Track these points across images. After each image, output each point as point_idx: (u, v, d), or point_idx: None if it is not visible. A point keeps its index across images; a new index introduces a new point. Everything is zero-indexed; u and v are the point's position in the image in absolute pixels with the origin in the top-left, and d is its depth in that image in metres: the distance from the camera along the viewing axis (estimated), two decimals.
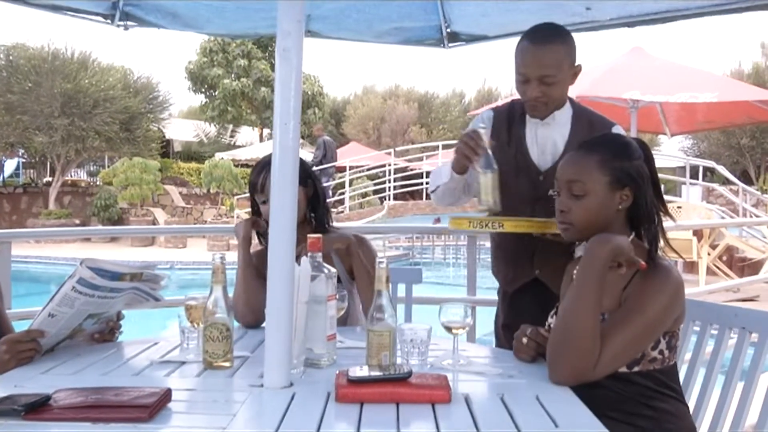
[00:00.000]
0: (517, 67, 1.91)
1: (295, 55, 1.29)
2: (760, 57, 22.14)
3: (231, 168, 16.08)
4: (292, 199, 1.31)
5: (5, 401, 1.14)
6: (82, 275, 1.46)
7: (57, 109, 14.72)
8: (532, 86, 1.88)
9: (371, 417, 1.14)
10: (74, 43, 24.67)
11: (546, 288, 2.03)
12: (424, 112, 26.32)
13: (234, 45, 22.87)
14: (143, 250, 13.60)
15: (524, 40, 1.92)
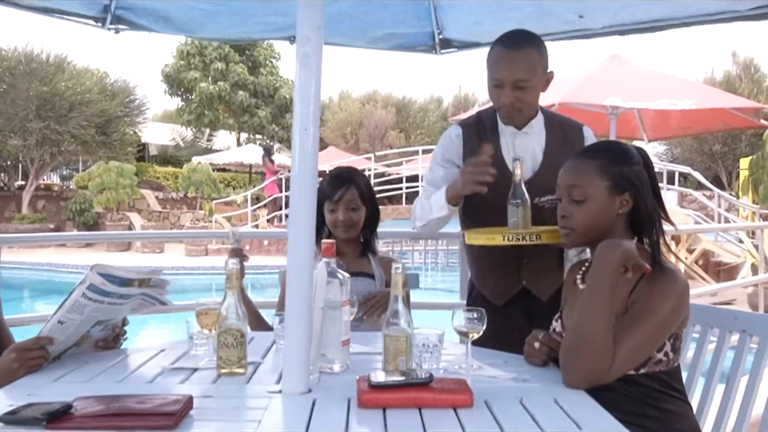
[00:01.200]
0: (491, 72, 1.91)
1: (314, 61, 1.29)
2: (731, 65, 22.70)
3: (210, 172, 15.94)
4: (311, 206, 1.31)
5: (25, 410, 1.12)
6: (93, 281, 1.44)
7: (32, 112, 14.47)
8: (506, 91, 1.88)
9: (396, 422, 1.15)
10: (50, 46, 24.27)
11: (532, 297, 2.05)
12: (402, 117, 26.40)
13: (211, 48, 22.69)
14: (119, 255, 13.39)
15: (497, 45, 1.92)
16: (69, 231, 14.68)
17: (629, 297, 1.43)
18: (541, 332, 1.53)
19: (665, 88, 7.18)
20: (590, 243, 1.54)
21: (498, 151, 1.98)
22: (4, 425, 1.09)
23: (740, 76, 22.23)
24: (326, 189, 2.21)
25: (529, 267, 2.03)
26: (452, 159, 2.04)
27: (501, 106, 1.92)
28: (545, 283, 2.07)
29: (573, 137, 2.07)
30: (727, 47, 32.78)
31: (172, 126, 24.73)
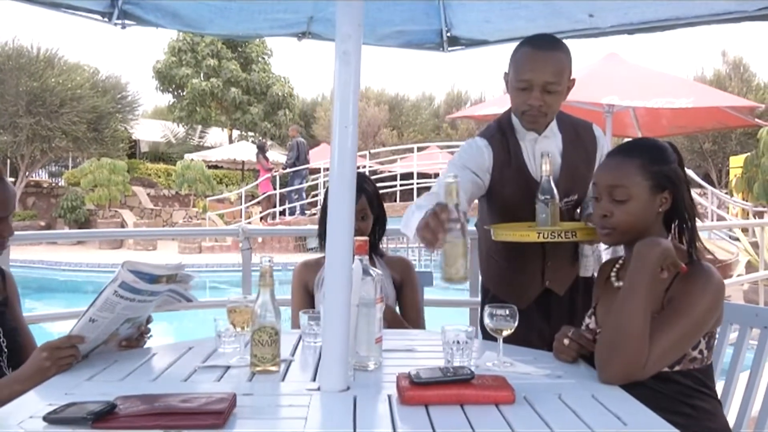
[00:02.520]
0: (518, 74, 1.84)
1: (354, 59, 1.29)
2: (721, 65, 22.88)
3: (204, 169, 15.85)
4: (350, 203, 1.30)
5: (68, 409, 1.11)
6: (125, 279, 1.43)
7: (22, 108, 14.31)
8: (534, 94, 1.83)
9: (441, 419, 1.14)
10: (40, 41, 23.99)
11: (549, 293, 2.06)
12: (395, 115, 26.39)
13: (203, 44, 22.54)
14: (112, 253, 13.29)
15: (527, 47, 1.87)
16: (60, 228, 14.55)
17: (665, 295, 1.44)
18: (570, 329, 1.53)
19: (662, 86, 7.21)
20: (629, 242, 1.54)
21: (519, 156, 1.98)
22: (49, 425, 1.08)
23: (730, 75, 22.42)
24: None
25: (552, 268, 2.04)
26: (473, 167, 1.95)
27: (527, 109, 1.87)
28: (564, 280, 2.09)
29: (585, 137, 2.07)
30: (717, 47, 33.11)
31: (164, 123, 24.56)
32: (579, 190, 2.04)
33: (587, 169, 2.07)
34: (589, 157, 2.08)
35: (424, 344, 1.76)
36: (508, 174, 1.97)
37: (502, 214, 2.01)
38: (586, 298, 2.15)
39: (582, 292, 2.14)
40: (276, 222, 13.97)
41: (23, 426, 1.09)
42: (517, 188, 1.97)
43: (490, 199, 2.04)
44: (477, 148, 1.98)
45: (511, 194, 1.98)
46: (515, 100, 1.89)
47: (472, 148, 1.99)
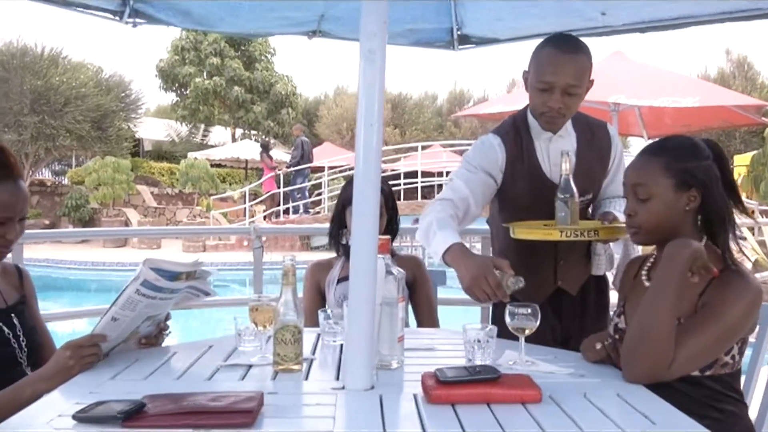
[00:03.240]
0: (540, 75, 1.82)
1: (379, 57, 1.29)
2: (725, 63, 22.83)
3: (207, 168, 15.86)
4: (375, 201, 1.30)
5: (96, 408, 1.11)
6: (147, 277, 1.42)
7: (27, 107, 14.33)
8: (555, 96, 1.81)
9: (469, 418, 1.14)
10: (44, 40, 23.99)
11: (561, 292, 2.05)
12: (398, 114, 26.39)
13: (206, 43, 22.53)
14: (116, 251, 13.32)
15: (549, 48, 1.84)
16: (65, 227, 14.56)
17: (699, 299, 1.42)
18: (607, 336, 1.54)
19: (668, 85, 7.20)
20: (658, 241, 1.53)
21: (533, 154, 1.97)
22: (78, 423, 1.08)
23: (734, 73, 22.38)
24: (351, 195, 2.21)
25: (565, 267, 2.03)
26: (486, 167, 1.94)
27: (546, 110, 1.85)
28: (576, 279, 2.09)
29: (600, 136, 2.07)
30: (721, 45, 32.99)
31: (167, 121, 24.57)
32: (593, 189, 2.04)
33: (601, 168, 2.06)
34: (603, 157, 2.07)
35: (444, 343, 1.76)
36: (521, 172, 1.97)
37: (513, 212, 2.00)
38: (597, 297, 2.15)
39: (594, 291, 2.13)
40: (280, 220, 13.98)
41: (52, 425, 1.09)
42: (529, 187, 1.97)
43: (503, 197, 2.03)
44: (490, 146, 1.98)
45: (524, 193, 1.98)
46: (535, 100, 1.88)
47: (485, 147, 1.98)
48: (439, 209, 1.78)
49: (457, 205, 1.81)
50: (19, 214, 1.57)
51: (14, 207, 1.54)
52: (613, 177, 2.10)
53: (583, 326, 2.09)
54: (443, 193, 1.88)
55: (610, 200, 2.09)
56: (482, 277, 1.51)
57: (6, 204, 1.52)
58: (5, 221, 1.53)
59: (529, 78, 1.89)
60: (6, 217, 1.52)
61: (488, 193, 1.95)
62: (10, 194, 1.53)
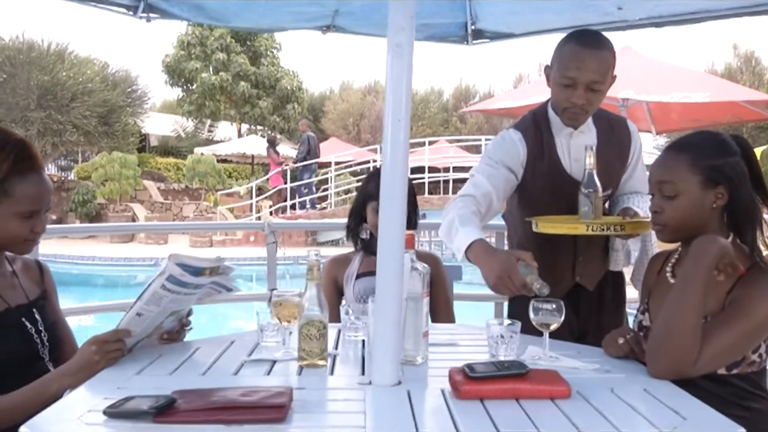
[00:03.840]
0: (564, 70, 1.81)
1: (407, 51, 1.28)
2: (732, 58, 22.68)
3: (214, 163, 15.87)
4: (403, 197, 1.29)
5: (129, 403, 1.11)
6: (172, 272, 1.42)
7: (33, 102, 14.35)
8: (578, 92, 1.80)
9: (500, 413, 1.14)
10: (50, 35, 24.01)
11: (579, 288, 2.05)
12: None
13: (212, 38, 22.50)
14: (123, 246, 13.36)
15: (572, 43, 1.82)
16: (71, 223, 14.61)
17: (727, 297, 1.41)
18: (630, 330, 1.53)
19: (678, 80, 7.16)
20: (684, 239, 1.52)
21: (553, 150, 1.96)
22: (109, 418, 1.08)
23: (741, 68, 22.22)
24: (372, 190, 2.22)
25: (583, 263, 2.03)
26: (507, 162, 1.93)
27: (569, 106, 1.84)
28: (594, 275, 2.08)
29: (620, 131, 2.06)
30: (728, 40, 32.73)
31: (173, 117, 24.57)
32: (612, 185, 2.03)
33: (620, 164, 2.05)
34: (622, 153, 2.06)
35: (465, 338, 1.76)
36: (541, 168, 1.96)
37: (532, 207, 1.99)
38: (614, 293, 2.15)
39: (611, 287, 2.13)
40: (287, 216, 13.99)
41: (83, 420, 1.09)
42: (549, 182, 1.96)
43: (522, 192, 2.02)
44: (511, 141, 1.96)
45: (543, 188, 1.97)
46: (558, 95, 1.87)
47: (506, 142, 1.97)
48: (460, 205, 1.77)
49: (479, 201, 1.80)
50: (45, 206, 1.57)
51: (41, 199, 1.54)
52: (632, 173, 2.09)
53: (600, 322, 2.08)
54: (465, 189, 1.87)
55: (628, 196, 2.08)
56: (506, 277, 1.50)
57: (33, 196, 1.51)
58: (32, 214, 1.52)
59: (552, 73, 1.88)
60: (33, 209, 1.52)
61: (509, 188, 1.95)
62: (36, 186, 1.52)
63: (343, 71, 69.98)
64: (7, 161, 1.48)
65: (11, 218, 1.49)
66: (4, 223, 1.49)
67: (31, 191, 1.50)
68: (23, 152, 1.52)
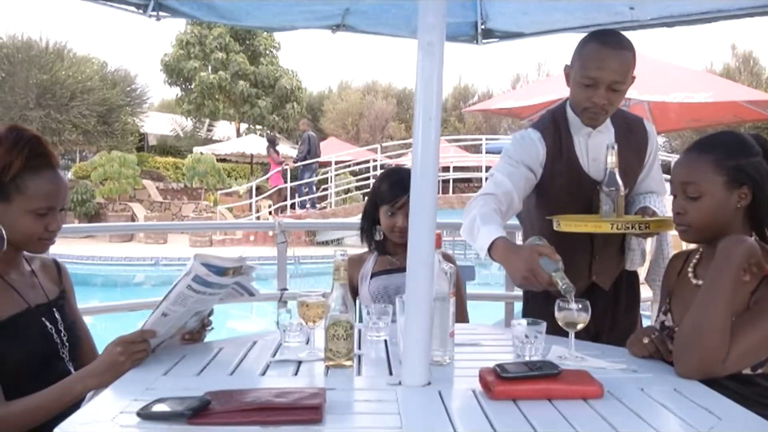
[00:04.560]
0: (585, 70, 1.80)
1: (438, 49, 1.27)
2: (730, 58, 22.73)
3: (214, 162, 15.83)
4: (433, 195, 1.29)
5: (161, 404, 1.10)
6: (198, 272, 1.41)
7: (32, 101, 14.31)
8: (600, 92, 1.79)
9: (534, 413, 1.13)
10: (49, 33, 23.92)
11: (594, 287, 2.04)
12: (403, 108, 26.31)
13: (211, 37, 22.46)
14: (123, 246, 13.32)
15: (595, 43, 1.82)
16: (70, 222, 14.57)
17: (751, 297, 1.41)
18: (654, 329, 1.53)
19: (680, 80, 7.17)
20: (707, 239, 1.52)
21: (571, 149, 1.96)
22: (143, 420, 1.07)
23: (740, 68, 22.28)
24: (386, 192, 2.23)
25: (600, 261, 2.02)
26: (527, 161, 1.93)
27: (590, 106, 1.83)
28: (610, 274, 2.08)
29: (637, 132, 2.05)
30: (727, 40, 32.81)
31: (172, 116, 24.52)
32: (628, 184, 2.02)
33: (638, 164, 2.05)
34: (640, 153, 2.06)
35: (487, 338, 1.75)
36: (560, 167, 1.95)
37: (550, 206, 1.99)
38: (629, 293, 2.14)
39: (625, 287, 2.13)
40: (287, 215, 13.98)
41: (117, 422, 1.08)
42: (567, 182, 1.96)
43: (540, 192, 2.02)
44: (531, 141, 1.96)
45: (561, 187, 1.97)
46: (578, 95, 1.86)
47: (525, 141, 1.96)
48: (482, 204, 1.77)
49: (500, 200, 1.80)
50: (61, 203, 1.55)
51: (56, 196, 1.52)
52: (648, 172, 2.09)
53: (615, 322, 2.08)
54: (486, 188, 1.86)
55: (644, 196, 2.07)
56: (532, 276, 1.49)
57: (48, 193, 1.49)
58: (47, 211, 1.50)
59: (572, 73, 1.87)
60: (48, 207, 1.50)
61: (528, 187, 1.94)
62: (51, 183, 1.50)
63: (342, 71, 69.95)
64: (21, 157, 1.46)
65: (25, 215, 1.47)
66: (18, 220, 1.47)
67: (44, 188, 1.48)
68: (37, 149, 1.50)
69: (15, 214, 1.47)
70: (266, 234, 12.82)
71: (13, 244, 1.50)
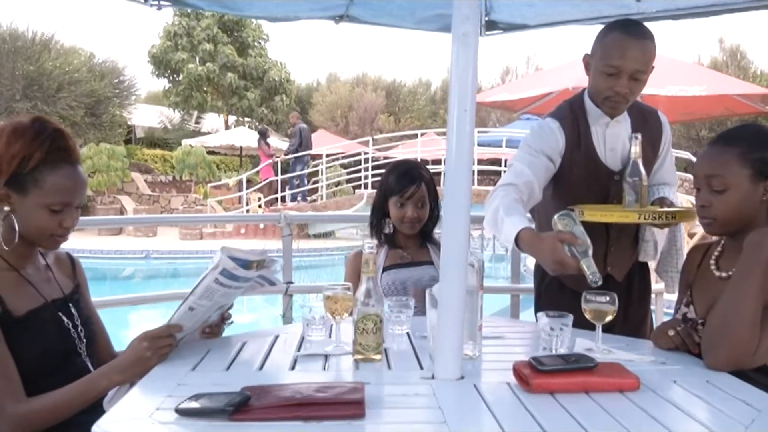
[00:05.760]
0: (608, 59, 1.81)
1: (473, 40, 1.26)
2: (718, 52, 22.90)
3: (204, 155, 15.69)
4: (468, 187, 1.28)
5: (200, 400, 1.08)
6: (226, 266, 1.39)
7: (19, 92, 14.09)
8: (622, 81, 1.80)
9: (574, 406, 1.13)
10: (36, 24, 23.54)
11: (608, 280, 2.04)
12: (392, 101, 26.27)
13: (199, 29, 22.20)
14: (112, 239, 13.18)
15: (617, 32, 1.82)
16: None
17: None
18: (679, 322, 1.53)
19: (675, 74, 7.19)
20: (731, 232, 1.52)
21: (589, 139, 1.95)
22: (181, 416, 1.06)
23: (727, 62, 22.45)
24: (394, 184, 2.24)
25: (615, 253, 2.03)
26: (546, 151, 1.92)
27: (612, 95, 1.84)
28: (624, 265, 2.08)
29: (652, 122, 2.06)
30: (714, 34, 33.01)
31: (159, 108, 24.24)
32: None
33: (653, 155, 2.05)
34: (654, 143, 2.06)
35: (509, 331, 1.75)
36: (578, 157, 1.95)
37: (567, 196, 1.99)
38: (640, 286, 2.15)
39: (637, 280, 2.13)
40: (278, 208, 13.91)
41: (155, 418, 1.06)
42: (585, 172, 1.95)
43: (557, 181, 2.02)
44: (550, 130, 1.96)
45: (578, 177, 1.96)
46: (600, 84, 1.86)
47: (545, 131, 1.96)
48: (503, 194, 1.76)
49: (521, 190, 1.80)
50: (77, 201, 1.51)
51: (73, 193, 1.48)
52: (662, 163, 2.09)
53: (627, 314, 2.09)
54: (506, 178, 1.85)
55: (657, 187, 2.08)
56: (561, 266, 1.49)
57: (64, 189, 1.45)
58: (62, 208, 1.46)
59: (594, 62, 1.87)
60: (64, 202, 1.46)
61: (548, 177, 1.94)
62: (69, 179, 1.46)
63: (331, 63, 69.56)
64: (41, 150, 1.42)
65: (39, 210, 1.43)
66: (32, 214, 1.43)
67: (61, 183, 1.44)
68: (58, 142, 1.46)
69: (30, 207, 1.43)
70: (257, 226, 12.77)
71: (25, 237, 1.46)
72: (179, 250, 12.02)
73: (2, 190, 1.41)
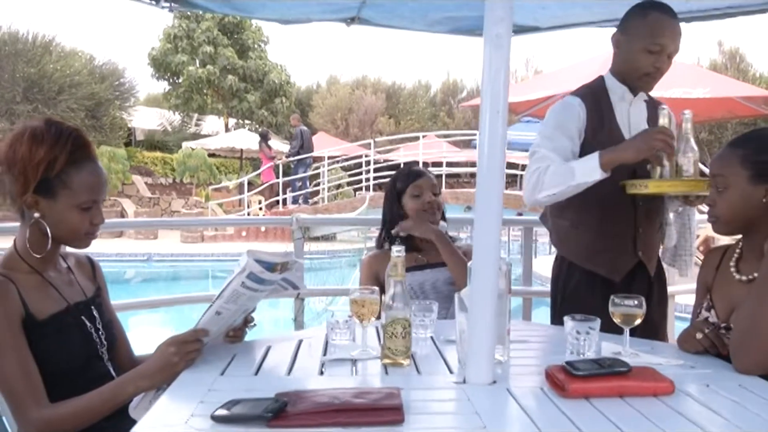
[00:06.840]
0: (654, 37, 1.90)
1: (506, 42, 1.25)
2: (717, 55, 22.95)
3: (206, 158, 15.68)
4: (500, 190, 1.27)
5: (236, 407, 1.07)
6: (252, 269, 1.38)
7: (19, 95, 14.06)
8: (662, 58, 1.91)
9: (612, 411, 1.12)
10: (36, 27, 23.51)
11: (635, 276, 2.04)
12: (392, 103, 26.29)
13: (199, 31, 22.21)
14: (113, 242, 13.15)
15: (657, 13, 1.92)
16: None
17: None
18: (706, 324, 1.53)
19: (679, 76, 7.19)
20: (736, 232, 1.56)
21: (612, 117, 2.00)
22: (216, 423, 1.04)
23: (726, 65, 22.50)
24: (404, 181, 2.28)
25: (643, 237, 2.03)
26: (569, 127, 1.96)
27: (652, 71, 1.93)
28: (653, 251, 2.10)
29: (659, 108, 2.09)
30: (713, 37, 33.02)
31: (159, 110, 24.22)
32: None
33: None
34: None
35: (532, 335, 1.74)
36: (602, 138, 1.96)
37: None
38: (659, 286, 2.14)
39: (657, 281, 2.12)
40: (280, 211, 13.89)
41: (191, 424, 1.05)
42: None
43: None
44: (570, 105, 2.00)
45: None
46: (641, 61, 1.93)
47: (566, 108, 2.00)
48: (544, 166, 1.87)
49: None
50: (103, 195, 1.50)
51: (99, 189, 1.48)
52: None
53: (646, 316, 2.08)
54: (534, 163, 1.91)
55: None
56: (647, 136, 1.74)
57: (92, 186, 1.45)
58: (92, 205, 1.46)
59: (633, 40, 1.94)
60: (92, 200, 1.45)
61: (570, 158, 1.96)
62: (94, 175, 1.46)
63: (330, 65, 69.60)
64: (64, 152, 1.41)
65: (71, 211, 1.43)
66: (64, 216, 1.43)
67: (88, 181, 1.44)
68: (78, 141, 1.46)
69: (61, 210, 1.42)
70: (257, 229, 12.75)
71: (58, 240, 1.45)
72: (181, 253, 12.01)
73: (30, 198, 1.40)
